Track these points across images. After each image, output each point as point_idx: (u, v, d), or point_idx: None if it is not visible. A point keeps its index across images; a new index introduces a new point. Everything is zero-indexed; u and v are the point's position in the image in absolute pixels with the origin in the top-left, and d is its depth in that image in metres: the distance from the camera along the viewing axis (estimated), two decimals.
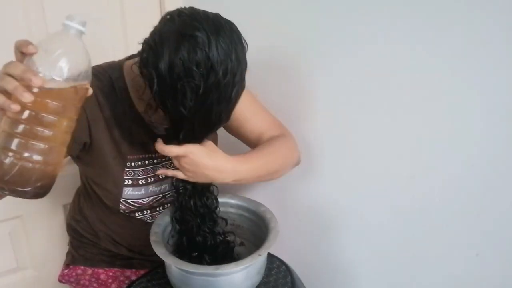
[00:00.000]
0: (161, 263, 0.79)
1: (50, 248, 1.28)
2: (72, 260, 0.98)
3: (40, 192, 0.53)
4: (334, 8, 0.82)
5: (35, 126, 0.50)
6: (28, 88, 0.48)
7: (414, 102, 0.74)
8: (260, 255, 0.68)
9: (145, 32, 1.29)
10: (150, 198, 0.84)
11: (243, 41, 0.67)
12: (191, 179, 0.71)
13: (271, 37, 0.97)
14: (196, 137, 0.68)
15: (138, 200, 0.82)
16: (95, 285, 0.94)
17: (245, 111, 0.84)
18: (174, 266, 0.67)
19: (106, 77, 0.76)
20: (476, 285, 0.73)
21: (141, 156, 0.81)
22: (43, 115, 0.50)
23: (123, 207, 0.83)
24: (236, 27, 0.67)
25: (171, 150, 0.67)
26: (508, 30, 0.60)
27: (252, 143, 0.87)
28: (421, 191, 0.77)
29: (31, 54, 0.51)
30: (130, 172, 0.80)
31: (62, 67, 0.50)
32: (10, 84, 0.49)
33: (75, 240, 0.99)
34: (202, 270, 0.65)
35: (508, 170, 0.65)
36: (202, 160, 0.68)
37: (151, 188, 0.83)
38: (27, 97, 0.48)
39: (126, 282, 0.94)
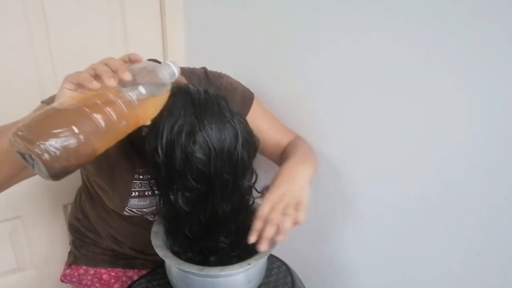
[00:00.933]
0: (162, 264, 0.79)
1: (50, 248, 1.28)
2: (74, 259, 0.98)
3: (56, 171, 0.50)
4: (336, 8, 0.82)
5: (98, 111, 0.51)
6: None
7: (413, 102, 0.74)
8: (262, 256, 0.68)
9: (145, 32, 1.29)
10: (154, 207, 0.84)
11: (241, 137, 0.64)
12: (301, 217, 0.68)
13: (270, 37, 0.97)
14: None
15: (143, 209, 0.83)
16: (97, 285, 0.94)
17: (263, 122, 0.86)
18: (175, 266, 0.67)
19: None
20: (476, 285, 0.73)
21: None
22: (108, 104, 0.51)
23: (126, 214, 0.83)
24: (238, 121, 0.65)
25: (271, 198, 0.65)
26: (508, 30, 0.60)
27: (269, 152, 0.88)
28: (421, 191, 0.77)
29: (135, 61, 0.56)
30: (138, 184, 0.80)
31: (141, 92, 0.54)
32: (102, 68, 0.52)
33: (77, 240, 0.99)
34: (203, 271, 0.65)
35: (509, 169, 0.65)
36: (291, 185, 0.68)
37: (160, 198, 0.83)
38: (112, 82, 0.51)
39: (129, 282, 0.94)
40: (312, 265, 1.04)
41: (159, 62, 0.67)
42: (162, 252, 0.68)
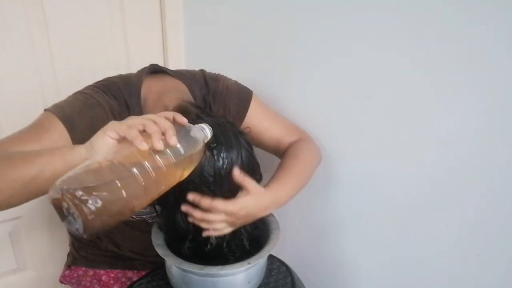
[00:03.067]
0: (162, 264, 0.79)
1: (50, 249, 1.28)
2: (73, 261, 0.98)
3: (94, 230, 0.48)
4: (336, 8, 0.82)
5: (143, 172, 0.50)
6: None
7: (413, 102, 0.74)
8: (262, 256, 0.68)
9: (145, 32, 1.29)
10: (154, 213, 0.84)
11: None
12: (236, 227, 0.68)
13: (270, 37, 0.97)
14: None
15: (142, 216, 0.83)
16: (96, 286, 0.94)
17: (262, 121, 0.85)
18: (176, 266, 0.67)
19: (120, 96, 0.74)
20: (476, 285, 0.73)
21: None
22: (152, 164, 0.51)
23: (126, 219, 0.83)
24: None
25: (227, 208, 0.63)
26: (507, 31, 0.60)
27: (271, 150, 0.88)
28: (422, 191, 0.77)
29: (178, 122, 0.56)
30: None
31: (180, 152, 0.54)
32: (153, 128, 0.51)
33: (76, 241, 0.99)
34: (204, 270, 0.65)
35: (509, 169, 0.65)
36: (255, 209, 0.67)
37: (158, 207, 0.83)
38: (161, 146, 0.50)
39: (128, 283, 0.94)
40: (312, 266, 1.04)
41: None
42: (162, 251, 0.68)
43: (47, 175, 0.53)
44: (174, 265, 0.68)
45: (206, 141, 0.59)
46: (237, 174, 0.62)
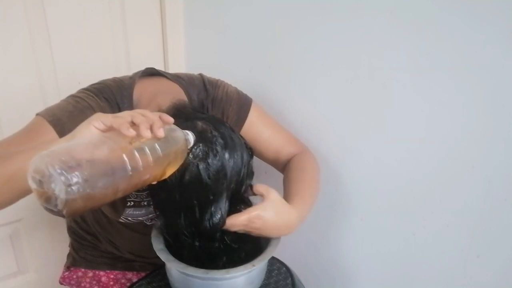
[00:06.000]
0: (162, 265, 0.79)
1: (51, 251, 1.28)
2: (73, 262, 0.98)
3: (75, 208, 0.46)
4: (336, 9, 0.82)
5: (130, 157, 0.50)
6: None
7: (413, 102, 0.74)
8: (266, 257, 0.67)
9: (146, 34, 1.29)
10: (150, 216, 0.84)
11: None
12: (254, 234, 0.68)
13: (270, 39, 0.98)
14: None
15: (138, 218, 0.83)
16: (96, 287, 0.94)
17: (261, 130, 0.85)
18: (176, 269, 0.67)
19: (112, 99, 0.74)
20: (476, 285, 0.73)
21: None
22: (139, 152, 0.51)
23: (122, 221, 0.83)
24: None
25: (240, 220, 0.64)
26: (505, 32, 0.60)
27: (270, 160, 0.88)
28: (422, 191, 0.77)
29: (169, 123, 0.56)
30: (133, 195, 0.79)
31: (167, 147, 0.55)
32: (141, 118, 0.52)
33: (76, 242, 0.99)
34: (205, 274, 0.64)
35: (509, 169, 0.65)
36: (272, 221, 0.67)
37: (153, 208, 0.83)
38: (148, 134, 0.51)
39: (128, 284, 0.94)
40: (312, 266, 1.04)
41: None
42: (165, 256, 0.68)
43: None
44: (178, 270, 0.67)
45: (189, 147, 0.60)
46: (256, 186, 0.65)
